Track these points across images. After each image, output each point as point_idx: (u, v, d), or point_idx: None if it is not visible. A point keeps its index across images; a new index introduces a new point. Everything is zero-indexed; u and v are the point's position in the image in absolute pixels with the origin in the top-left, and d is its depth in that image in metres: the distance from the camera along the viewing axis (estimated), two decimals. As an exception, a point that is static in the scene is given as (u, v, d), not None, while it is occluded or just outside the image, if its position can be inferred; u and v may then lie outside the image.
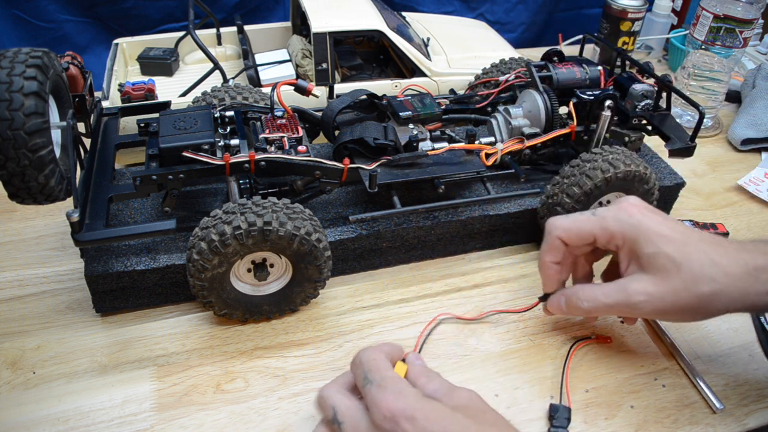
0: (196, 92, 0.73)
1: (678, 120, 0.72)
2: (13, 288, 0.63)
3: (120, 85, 0.79)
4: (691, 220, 0.73)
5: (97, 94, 0.67)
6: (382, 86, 0.82)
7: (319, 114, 0.67)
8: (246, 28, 0.94)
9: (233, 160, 0.57)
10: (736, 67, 1.04)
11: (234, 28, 0.94)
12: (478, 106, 0.73)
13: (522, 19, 1.29)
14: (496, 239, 0.70)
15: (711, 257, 0.47)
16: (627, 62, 0.75)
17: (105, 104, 0.73)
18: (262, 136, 0.61)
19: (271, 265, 0.57)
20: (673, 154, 0.68)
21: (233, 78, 0.81)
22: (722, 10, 1.00)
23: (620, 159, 0.61)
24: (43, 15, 1.02)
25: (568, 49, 0.93)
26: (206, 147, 0.57)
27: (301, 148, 0.60)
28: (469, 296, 0.64)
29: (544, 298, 0.57)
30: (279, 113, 0.64)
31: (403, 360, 0.46)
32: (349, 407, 0.42)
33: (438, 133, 0.67)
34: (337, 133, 0.66)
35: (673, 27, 1.21)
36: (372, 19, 0.81)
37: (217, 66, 0.76)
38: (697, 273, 0.47)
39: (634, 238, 0.49)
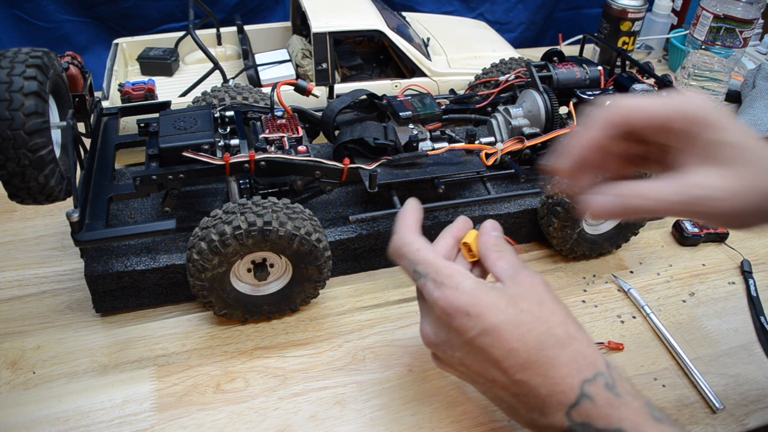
0: (196, 92, 0.73)
1: (678, 120, 0.72)
2: (13, 288, 0.63)
3: (120, 85, 0.79)
4: (690, 220, 0.73)
5: (97, 94, 0.67)
6: (382, 86, 0.82)
7: (319, 114, 0.67)
8: (246, 28, 0.94)
9: (233, 160, 0.57)
10: (736, 67, 1.04)
11: (234, 28, 0.94)
12: (478, 106, 0.73)
13: (522, 19, 1.29)
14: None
15: None
16: (627, 62, 0.75)
17: (105, 104, 0.73)
18: (262, 136, 0.61)
19: (271, 265, 0.57)
20: (673, 154, 0.67)
21: (233, 78, 0.81)
22: (722, 10, 1.00)
23: (620, 159, 0.61)
24: (43, 15, 1.02)
25: (568, 49, 0.93)
26: (206, 147, 0.57)
27: (301, 148, 0.60)
28: (469, 296, 0.64)
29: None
30: (279, 113, 0.64)
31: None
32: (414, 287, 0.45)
33: (438, 133, 0.67)
34: (337, 133, 0.66)
35: (673, 27, 1.21)
36: (372, 19, 0.81)
37: (217, 66, 0.76)
38: (765, 166, 0.39)
39: (700, 121, 0.39)
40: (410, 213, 0.48)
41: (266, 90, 0.72)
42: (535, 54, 0.84)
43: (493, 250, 0.45)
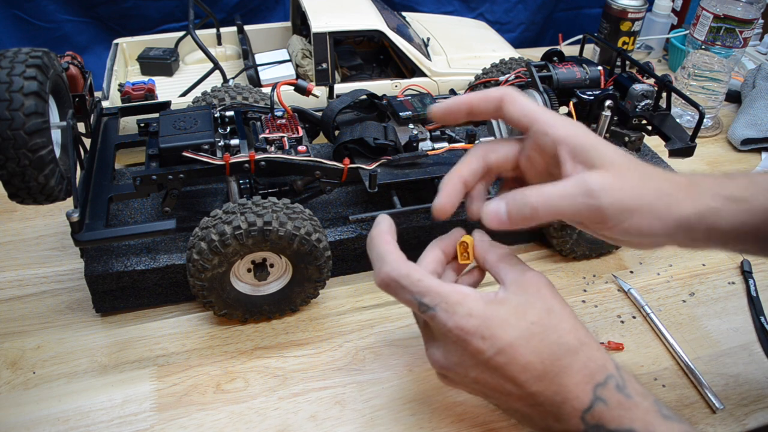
0: (196, 92, 0.73)
1: (678, 120, 0.72)
2: (13, 288, 0.63)
3: (120, 85, 0.79)
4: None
5: (97, 94, 0.67)
6: (382, 86, 0.82)
7: (319, 114, 0.67)
8: (246, 28, 0.94)
9: (233, 160, 0.57)
10: (736, 67, 1.04)
11: (234, 28, 0.94)
12: (478, 106, 0.73)
13: (522, 19, 1.29)
14: (495, 239, 0.70)
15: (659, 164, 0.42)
16: (627, 62, 0.74)
17: (105, 104, 0.73)
18: (262, 136, 0.61)
19: (271, 265, 0.57)
20: (673, 154, 0.67)
21: (233, 78, 0.81)
22: (722, 10, 1.00)
23: (620, 159, 0.61)
24: (43, 15, 1.02)
25: (568, 49, 0.93)
26: (206, 147, 0.57)
27: (301, 148, 0.60)
28: (469, 296, 0.64)
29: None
30: (279, 113, 0.64)
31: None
32: (416, 316, 0.45)
33: (438, 133, 0.67)
34: (337, 133, 0.66)
35: (673, 27, 1.21)
36: (372, 19, 0.81)
37: (217, 66, 0.76)
38: (651, 169, 0.41)
39: (579, 144, 0.40)
40: (388, 233, 0.44)
41: (266, 90, 0.72)
42: (535, 54, 0.84)
43: (492, 252, 0.45)
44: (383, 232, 0.44)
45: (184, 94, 0.78)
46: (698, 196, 0.41)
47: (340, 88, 0.80)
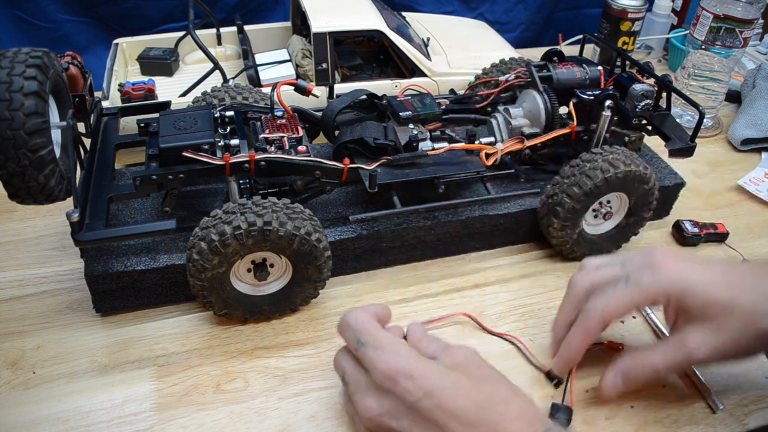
0: (196, 92, 0.73)
1: (678, 120, 0.72)
2: (13, 288, 0.63)
3: (120, 85, 0.79)
4: (691, 220, 0.73)
5: (97, 94, 0.67)
6: (382, 86, 0.82)
7: (319, 114, 0.67)
8: (246, 28, 0.93)
9: (233, 160, 0.57)
10: (736, 67, 1.04)
11: (234, 28, 0.94)
12: (478, 106, 0.73)
13: (522, 19, 1.29)
14: (496, 239, 0.70)
15: (760, 291, 0.46)
16: (627, 62, 0.75)
17: (105, 104, 0.73)
18: (262, 136, 0.61)
19: (271, 265, 0.57)
20: (673, 154, 0.68)
21: (233, 78, 0.81)
22: (722, 10, 1.00)
23: (620, 159, 0.61)
24: (43, 15, 1.02)
25: (568, 49, 0.93)
26: (206, 147, 0.57)
27: (301, 148, 0.60)
28: (469, 296, 0.64)
29: (554, 377, 0.54)
30: (279, 113, 0.64)
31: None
32: (352, 368, 0.44)
33: (438, 133, 0.67)
34: (337, 133, 0.66)
35: (673, 27, 1.21)
36: (372, 19, 0.81)
37: (217, 66, 0.76)
38: (751, 312, 0.45)
39: (680, 295, 0.47)
40: (377, 305, 0.48)
41: (266, 90, 0.72)
42: (535, 54, 0.84)
43: (423, 341, 0.46)
44: (370, 308, 0.48)
45: (184, 94, 0.78)
46: None
47: (340, 88, 0.80)
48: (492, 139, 0.69)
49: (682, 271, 0.47)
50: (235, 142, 0.60)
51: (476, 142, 0.68)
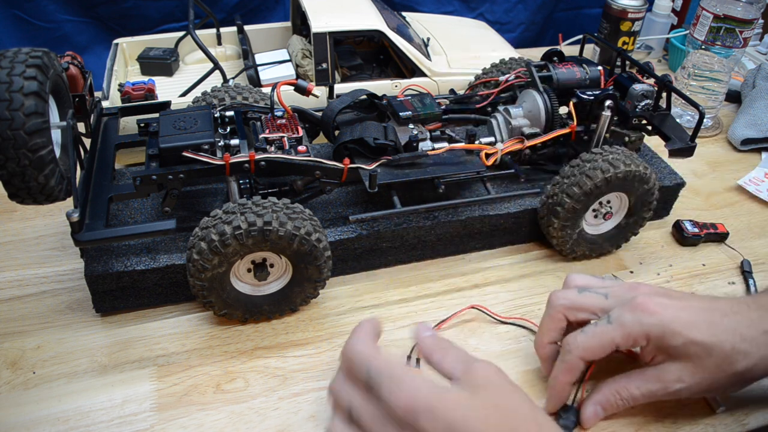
0: (196, 92, 0.73)
1: (678, 120, 0.72)
2: (13, 288, 0.63)
3: (120, 85, 0.79)
4: (691, 220, 0.73)
5: (97, 94, 0.67)
6: (382, 86, 0.82)
7: (319, 114, 0.67)
8: (246, 28, 0.94)
9: (233, 160, 0.57)
10: (736, 67, 1.04)
11: (234, 28, 0.94)
12: (478, 106, 0.73)
13: (522, 19, 1.29)
14: (496, 239, 0.70)
15: (740, 333, 0.47)
16: (627, 62, 0.75)
17: (105, 104, 0.73)
18: (262, 136, 0.61)
19: (271, 265, 0.57)
20: (673, 154, 0.68)
21: (233, 78, 0.81)
22: (722, 10, 1.00)
23: (620, 159, 0.61)
24: (43, 15, 1.02)
25: (568, 49, 0.93)
26: (206, 147, 0.57)
27: (301, 148, 0.60)
28: (469, 296, 0.64)
29: (560, 414, 0.53)
30: (279, 113, 0.64)
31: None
32: (361, 401, 0.41)
33: (438, 133, 0.67)
34: (337, 133, 0.66)
35: (673, 27, 1.21)
36: (372, 19, 0.81)
37: (217, 66, 0.76)
38: (729, 352, 0.46)
39: (660, 336, 0.47)
40: (369, 324, 0.47)
41: (266, 90, 0.72)
42: (535, 54, 0.84)
43: (436, 350, 0.44)
44: (362, 324, 0.47)
45: (184, 94, 0.78)
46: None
47: (340, 88, 0.80)
48: (492, 139, 0.69)
49: (664, 313, 0.47)
50: (235, 142, 0.60)
51: (476, 142, 0.68)
